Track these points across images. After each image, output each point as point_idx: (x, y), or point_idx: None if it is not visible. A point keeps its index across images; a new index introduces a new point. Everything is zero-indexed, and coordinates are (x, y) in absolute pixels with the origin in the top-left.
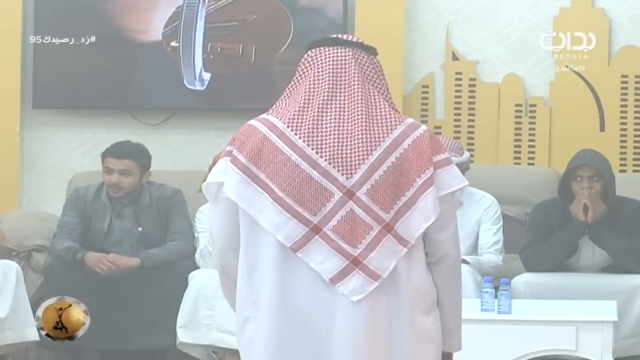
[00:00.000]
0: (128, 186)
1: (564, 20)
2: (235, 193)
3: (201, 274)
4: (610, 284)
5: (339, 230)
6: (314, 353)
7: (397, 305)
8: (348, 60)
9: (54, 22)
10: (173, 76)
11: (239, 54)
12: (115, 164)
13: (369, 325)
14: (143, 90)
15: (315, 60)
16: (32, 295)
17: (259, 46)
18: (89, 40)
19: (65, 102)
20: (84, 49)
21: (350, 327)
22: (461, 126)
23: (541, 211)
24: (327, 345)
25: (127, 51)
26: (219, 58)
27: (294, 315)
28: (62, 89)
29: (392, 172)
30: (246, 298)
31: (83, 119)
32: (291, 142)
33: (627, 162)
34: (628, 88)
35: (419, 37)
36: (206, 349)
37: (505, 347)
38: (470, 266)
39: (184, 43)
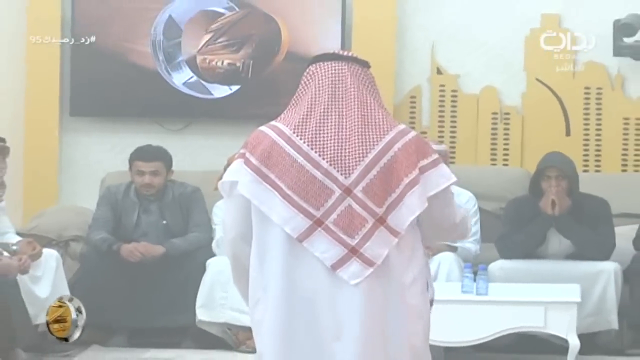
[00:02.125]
0: (157, 185)
1: (535, 39)
2: (248, 191)
3: (217, 261)
4: (574, 270)
5: (338, 223)
6: (317, 331)
7: (390, 288)
8: (344, 72)
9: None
10: (192, 88)
11: (239, 68)
12: (145, 166)
13: (366, 305)
14: (166, 101)
15: (315, 74)
16: (69, 279)
17: (255, 60)
18: (88, 40)
19: (98, 110)
20: (116, 64)
21: (350, 307)
22: (444, 131)
23: (514, 206)
24: (329, 324)
25: (151, 67)
26: (228, 71)
27: (300, 298)
28: (95, 99)
29: (384, 171)
30: (257, 282)
31: (114, 125)
32: (297, 146)
33: (589, 163)
34: (590, 98)
35: (408, 53)
36: (221, 326)
37: (483, 325)
38: (456, 254)
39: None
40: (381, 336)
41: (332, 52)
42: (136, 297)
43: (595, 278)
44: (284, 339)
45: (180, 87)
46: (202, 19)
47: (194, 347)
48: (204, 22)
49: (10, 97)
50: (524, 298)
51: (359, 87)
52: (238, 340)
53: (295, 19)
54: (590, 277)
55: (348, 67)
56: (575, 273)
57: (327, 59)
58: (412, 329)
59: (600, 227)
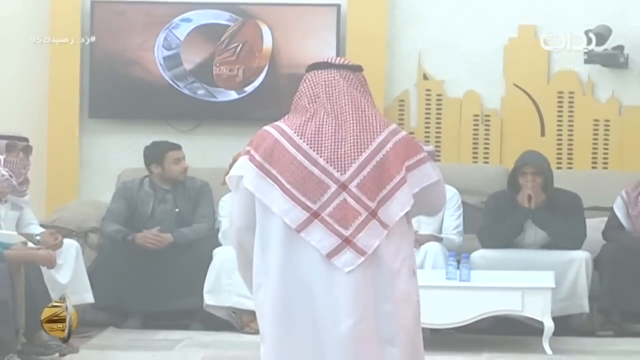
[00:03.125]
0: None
1: (512, 47)
2: (252, 185)
3: (223, 250)
4: (549, 258)
5: (334, 215)
6: (313, 315)
7: (381, 275)
8: (337, 79)
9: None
10: (201, 93)
11: (235, 74)
12: (180, 154)
13: (358, 291)
14: (177, 103)
15: (310, 81)
16: (88, 267)
17: (257, 68)
18: (88, 40)
19: (115, 112)
20: (131, 70)
21: (343, 293)
22: (430, 132)
23: (494, 200)
24: (324, 308)
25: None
26: (229, 77)
27: (298, 283)
28: (112, 102)
29: (377, 169)
30: (260, 268)
31: (129, 126)
32: (297, 145)
33: (563, 161)
34: (563, 102)
35: (397, 61)
36: (227, 310)
37: (465, 309)
38: (441, 244)
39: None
40: (373, 319)
41: (325, 60)
42: (149, 283)
43: (568, 266)
44: (283, 321)
45: (188, 92)
46: (203, 32)
47: (202, 329)
48: (205, 34)
49: (35, 101)
50: (503, 284)
51: (351, 91)
52: (242, 323)
53: (295, 31)
54: (563, 265)
55: (340, 74)
56: (549, 261)
57: (320, 67)
58: (402, 312)
59: (572, 219)
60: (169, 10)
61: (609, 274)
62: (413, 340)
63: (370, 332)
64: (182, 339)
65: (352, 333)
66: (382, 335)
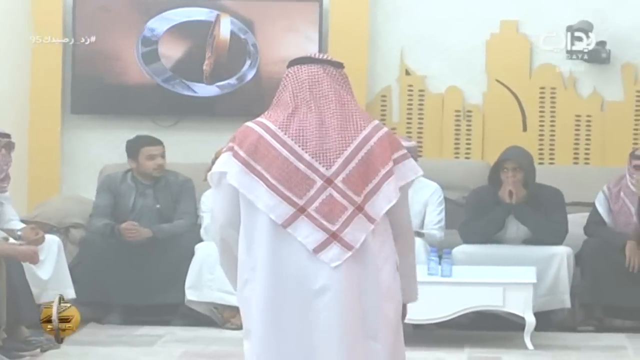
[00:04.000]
0: (165, 165)
1: (495, 43)
2: (236, 181)
3: (205, 246)
4: (531, 254)
5: (320, 210)
6: (300, 309)
7: (366, 270)
8: (320, 74)
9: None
10: (182, 89)
11: (210, 71)
12: (155, 150)
13: (345, 286)
14: (159, 99)
15: (293, 76)
16: (70, 263)
17: (239, 63)
18: (88, 40)
19: (97, 108)
20: (113, 66)
21: (330, 288)
22: (412, 128)
23: (476, 195)
24: (310, 303)
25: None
26: (212, 73)
27: (284, 278)
28: (94, 97)
29: (362, 163)
30: (245, 265)
31: (111, 122)
32: (282, 141)
33: (544, 156)
34: (545, 97)
35: (379, 57)
36: (208, 305)
37: (447, 304)
38: (423, 239)
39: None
40: (359, 313)
41: (308, 55)
42: (130, 278)
43: (549, 261)
44: (271, 316)
45: (169, 88)
46: (184, 28)
47: (183, 325)
48: (186, 31)
49: (16, 96)
50: (485, 279)
51: (335, 87)
52: (224, 319)
53: (277, 27)
54: (545, 260)
55: (324, 69)
56: (531, 257)
57: (304, 62)
58: (386, 308)
59: (554, 215)
60: (151, 7)
61: (590, 269)
62: (395, 336)
63: (356, 328)
64: (163, 335)
65: (339, 329)
66: (366, 331)
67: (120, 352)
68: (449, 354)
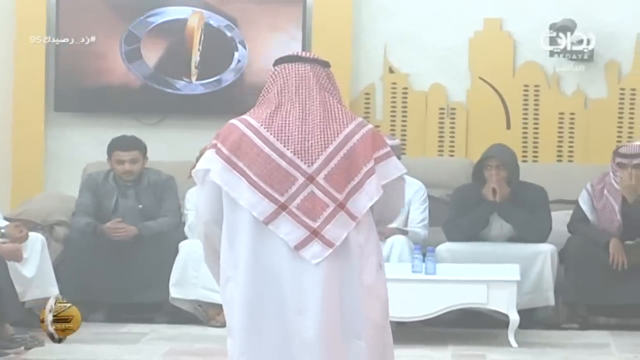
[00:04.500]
0: (136, 171)
1: (478, 41)
2: (219, 178)
3: (189, 243)
4: (514, 251)
5: (301, 207)
6: (282, 306)
7: (348, 267)
8: (307, 73)
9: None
10: (166, 87)
11: (200, 67)
12: (124, 155)
13: (326, 283)
14: (142, 97)
15: (280, 74)
16: (53, 260)
17: (223, 62)
18: (88, 40)
19: (80, 106)
20: (97, 64)
21: (311, 285)
22: (396, 125)
23: (459, 193)
24: (292, 300)
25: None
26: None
27: (267, 276)
28: (78, 95)
29: (344, 161)
30: (228, 262)
31: (95, 119)
32: (264, 138)
33: (528, 154)
34: (528, 95)
35: (363, 54)
36: (193, 303)
37: (431, 302)
38: (407, 237)
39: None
40: (339, 311)
41: (296, 54)
42: (115, 276)
43: (533, 259)
44: (253, 313)
45: (153, 86)
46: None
47: (167, 322)
48: (170, 29)
49: (0, 94)
50: (469, 277)
51: (320, 86)
52: (208, 316)
53: (260, 25)
54: (528, 258)
55: (310, 68)
56: (515, 254)
57: (290, 60)
58: (369, 305)
59: (538, 212)
60: (135, 5)
61: (574, 267)
62: (381, 334)
63: (337, 325)
64: (147, 332)
65: (320, 325)
66: (348, 328)
67: (105, 350)
68: (433, 351)
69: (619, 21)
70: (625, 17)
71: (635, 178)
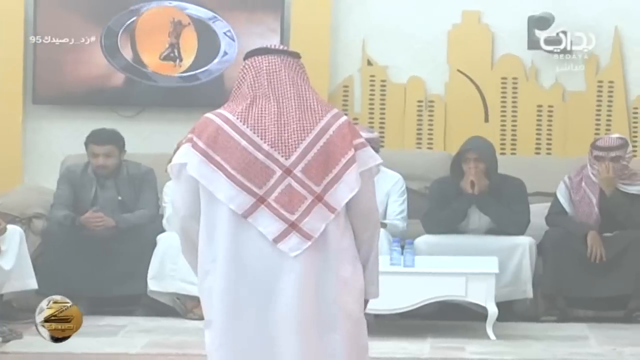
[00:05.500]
0: (111, 165)
1: (456, 34)
2: (196, 172)
3: (167, 236)
4: (493, 244)
5: (279, 200)
6: (260, 298)
7: (326, 260)
8: (278, 65)
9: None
10: (144, 79)
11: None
12: (99, 149)
13: (304, 275)
14: (120, 89)
15: (251, 67)
16: (32, 253)
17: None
18: (88, 40)
19: (59, 98)
20: (76, 57)
21: (289, 277)
22: (374, 118)
23: (438, 186)
24: (270, 292)
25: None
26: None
27: (245, 269)
28: (56, 88)
29: (321, 153)
30: (206, 255)
31: (73, 112)
32: (241, 131)
33: (506, 147)
34: (507, 88)
35: (341, 47)
36: (171, 296)
37: (410, 294)
38: (386, 230)
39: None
40: (315, 304)
41: (265, 46)
42: (93, 269)
43: (511, 251)
44: (232, 306)
45: (131, 78)
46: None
47: (146, 315)
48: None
49: None
50: (447, 269)
51: (293, 77)
52: (186, 309)
53: (238, 17)
54: (507, 250)
55: (281, 60)
56: (493, 247)
57: (261, 53)
58: (345, 298)
59: (516, 205)
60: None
61: (552, 259)
62: (356, 327)
63: (312, 318)
64: (126, 325)
65: (297, 318)
66: (325, 321)
67: (83, 343)
68: (412, 343)
69: (597, 14)
70: (604, 11)
71: (613, 171)
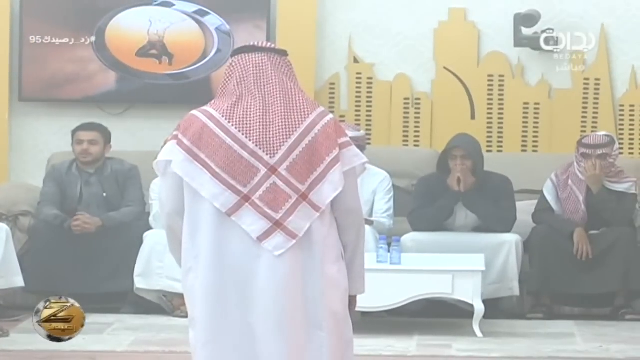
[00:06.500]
0: (95, 153)
1: (443, 31)
2: (180, 169)
3: (154, 234)
4: (479, 241)
5: (264, 198)
6: (243, 296)
7: (311, 258)
8: (265, 62)
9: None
10: (131, 76)
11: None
12: (84, 135)
13: (288, 274)
14: (108, 86)
15: (238, 65)
16: (18, 251)
17: (187, 52)
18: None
19: (45, 96)
20: (62, 54)
21: (273, 276)
22: (361, 115)
23: (424, 183)
24: (253, 290)
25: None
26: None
27: (229, 267)
28: (43, 85)
29: (306, 151)
30: (189, 253)
31: (60, 109)
32: (226, 129)
33: (493, 144)
34: (493, 85)
35: (327, 44)
36: (157, 293)
37: (396, 292)
38: (373, 227)
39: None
40: (300, 302)
41: (252, 44)
42: (79, 266)
43: (498, 249)
44: (215, 304)
45: (118, 75)
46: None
47: (133, 313)
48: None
49: None
50: (434, 267)
51: (279, 75)
52: (173, 306)
53: (224, 15)
54: (493, 248)
55: (268, 57)
56: (480, 244)
57: (248, 50)
58: (330, 297)
59: (502, 202)
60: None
61: (538, 256)
62: (341, 325)
63: (299, 316)
64: (112, 323)
65: (282, 316)
66: (310, 319)
67: (70, 340)
68: (399, 341)
69: (584, 12)
70: (590, 8)
71: (600, 168)
